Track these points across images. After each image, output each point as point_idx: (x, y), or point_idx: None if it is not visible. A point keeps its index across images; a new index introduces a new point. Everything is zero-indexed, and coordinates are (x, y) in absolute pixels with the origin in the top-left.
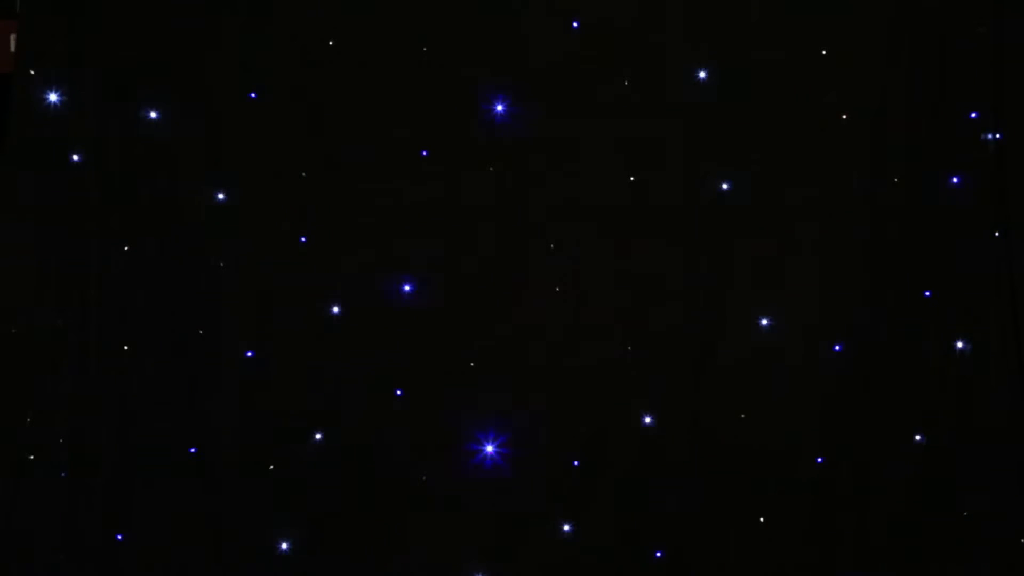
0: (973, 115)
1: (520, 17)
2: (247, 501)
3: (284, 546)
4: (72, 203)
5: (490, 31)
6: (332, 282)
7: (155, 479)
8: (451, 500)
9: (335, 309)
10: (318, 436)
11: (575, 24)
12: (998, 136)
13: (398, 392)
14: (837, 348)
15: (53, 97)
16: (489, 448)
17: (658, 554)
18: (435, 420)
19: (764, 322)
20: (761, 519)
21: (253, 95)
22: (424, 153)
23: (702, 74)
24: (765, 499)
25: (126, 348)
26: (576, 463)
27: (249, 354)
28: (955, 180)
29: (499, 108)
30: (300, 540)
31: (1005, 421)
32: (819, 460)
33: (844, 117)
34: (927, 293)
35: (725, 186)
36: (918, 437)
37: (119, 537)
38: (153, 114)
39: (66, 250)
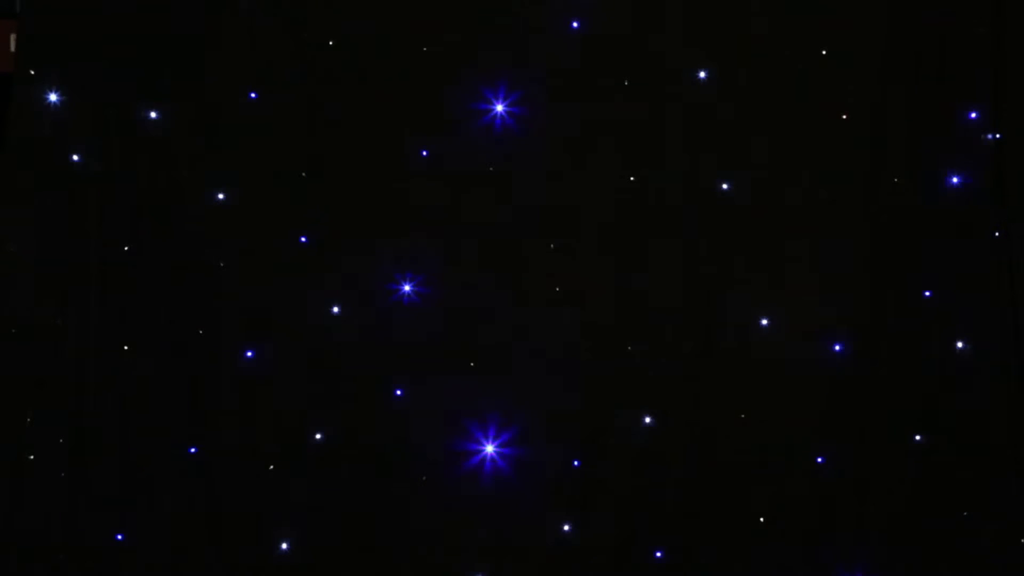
0: (973, 115)
1: (520, 18)
2: (247, 501)
3: (284, 546)
4: (72, 203)
5: (490, 31)
6: (332, 282)
7: (155, 479)
8: (451, 500)
9: (335, 309)
10: (318, 436)
11: (575, 24)
12: (998, 136)
13: (398, 392)
14: (837, 348)
15: (53, 97)
16: (489, 448)
17: (658, 554)
18: (435, 420)
19: (764, 322)
20: (761, 519)
21: (253, 95)
22: (424, 153)
23: (702, 74)
24: (765, 499)
25: (126, 348)
26: (576, 463)
27: (249, 354)
28: (955, 180)
29: (499, 108)
30: (300, 540)
31: (1005, 421)
32: (819, 460)
33: (844, 117)
34: (927, 293)
35: (725, 186)
36: (918, 437)
37: (119, 537)
38: (153, 114)
39: (66, 250)
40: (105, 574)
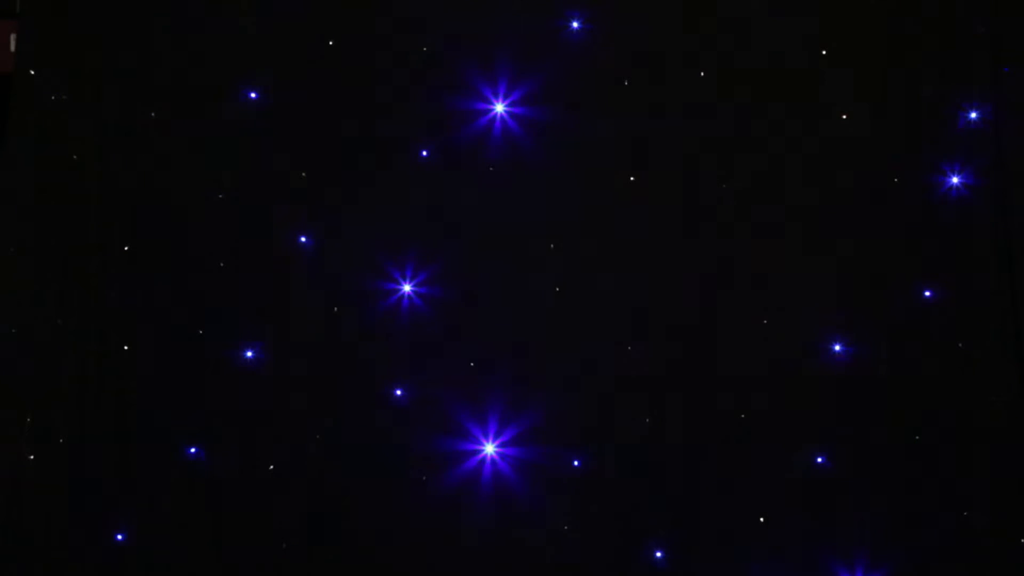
0: (973, 115)
1: (521, 18)
2: (247, 501)
3: (284, 546)
4: (72, 203)
5: (490, 31)
6: (332, 282)
7: (155, 479)
8: (451, 500)
9: (335, 309)
10: (318, 436)
11: (575, 24)
12: (998, 136)
13: (398, 392)
14: (837, 348)
15: (53, 97)
16: (489, 448)
17: (658, 554)
18: (435, 420)
19: (764, 321)
20: (761, 519)
21: (253, 95)
22: (424, 153)
23: (702, 73)
24: (764, 499)
25: (126, 348)
26: (576, 463)
27: (249, 354)
28: (955, 180)
29: (499, 109)
30: (300, 540)
31: (1005, 421)
32: (819, 460)
33: (844, 117)
34: (927, 293)
35: (725, 185)
36: (918, 437)
37: (119, 537)
38: (153, 114)
39: (66, 250)
40: (105, 574)
